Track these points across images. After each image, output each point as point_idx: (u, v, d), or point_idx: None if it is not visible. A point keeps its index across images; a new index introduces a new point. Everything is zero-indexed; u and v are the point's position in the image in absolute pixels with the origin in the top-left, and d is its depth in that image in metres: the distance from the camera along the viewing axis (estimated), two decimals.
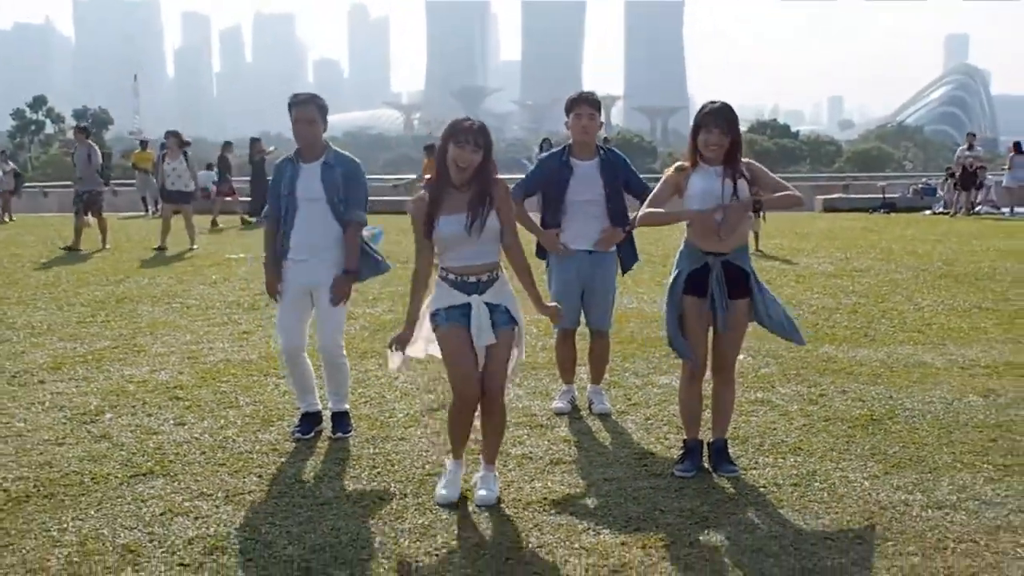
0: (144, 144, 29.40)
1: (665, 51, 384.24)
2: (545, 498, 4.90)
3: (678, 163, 5.30)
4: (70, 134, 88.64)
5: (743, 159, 5.15)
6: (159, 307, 10.42)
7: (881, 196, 27.81)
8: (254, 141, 24.37)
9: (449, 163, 4.70)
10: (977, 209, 24.22)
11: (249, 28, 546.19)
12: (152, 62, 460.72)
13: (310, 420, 5.97)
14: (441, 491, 4.89)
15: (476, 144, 4.66)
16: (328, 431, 5.95)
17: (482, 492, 4.85)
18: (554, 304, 5.17)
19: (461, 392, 4.79)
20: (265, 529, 4.53)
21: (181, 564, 4.16)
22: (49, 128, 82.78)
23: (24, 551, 4.27)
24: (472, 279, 4.78)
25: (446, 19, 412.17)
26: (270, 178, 6.26)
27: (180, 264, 14.11)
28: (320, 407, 6.08)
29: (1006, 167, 25.34)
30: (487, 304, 4.78)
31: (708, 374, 5.37)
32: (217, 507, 4.79)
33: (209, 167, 27.44)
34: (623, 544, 4.35)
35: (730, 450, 5.43)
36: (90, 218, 16.76)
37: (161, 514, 4.69)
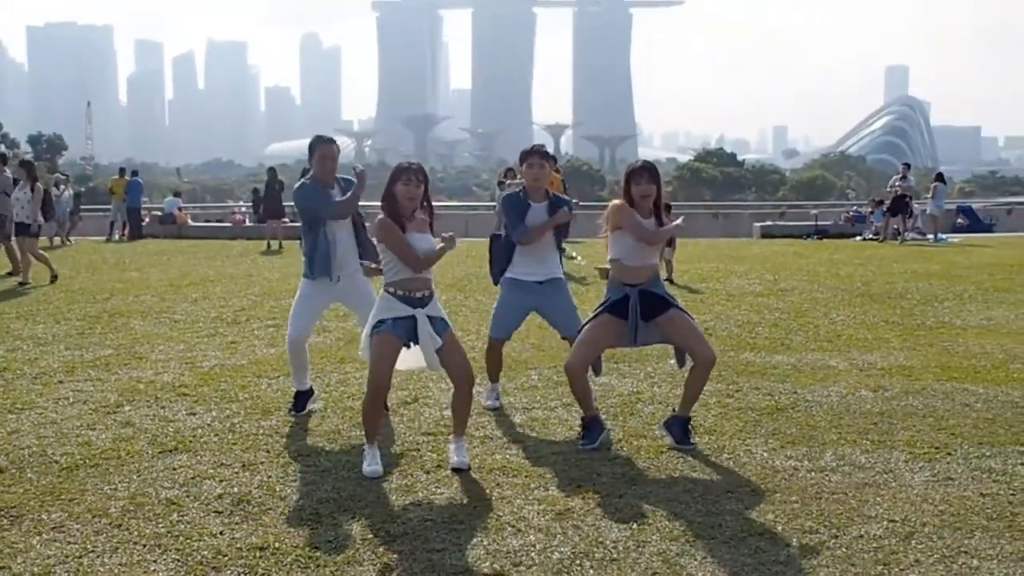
0: (122, 171, 30.24)
1: (612, 81, 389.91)
2: (504, 466, 6.02)
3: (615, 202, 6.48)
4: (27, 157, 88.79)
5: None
6: (148, 321, 11.44)
7: (814, 223, 29.36)
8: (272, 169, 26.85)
9: (400, 198, 5.87)
10: (905, 235, 25.73)
11: (202, 55, 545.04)
12: (105, 88, 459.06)
13: (303, 397, 7.27)
14: (369, 467, 5.87)
15: (418, 180, 5.90)
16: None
17: (456, 459, 5.95)
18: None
19: (377, 386, 5.86)
20: (279, 488, 5.62)
21: (215, 512, 5.23)
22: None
23: (87, 503, 5.34)
24: (418, 295, 5.90)
25: (397, 48, 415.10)
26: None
27: (159, 284, 15.09)
28: (309, 384, 7.36)
29: (929, 195, 26.98)
30: (428, 316, 5.89)
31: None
32: (237, 473, 5.87)
33: (176, 194, 28.59)
34: (567, 496, 5.49)
35: (655, 432, 6.62)
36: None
37: (191, 478, 5.76)
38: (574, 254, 18.72)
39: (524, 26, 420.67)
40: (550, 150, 7.52)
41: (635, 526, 5.03)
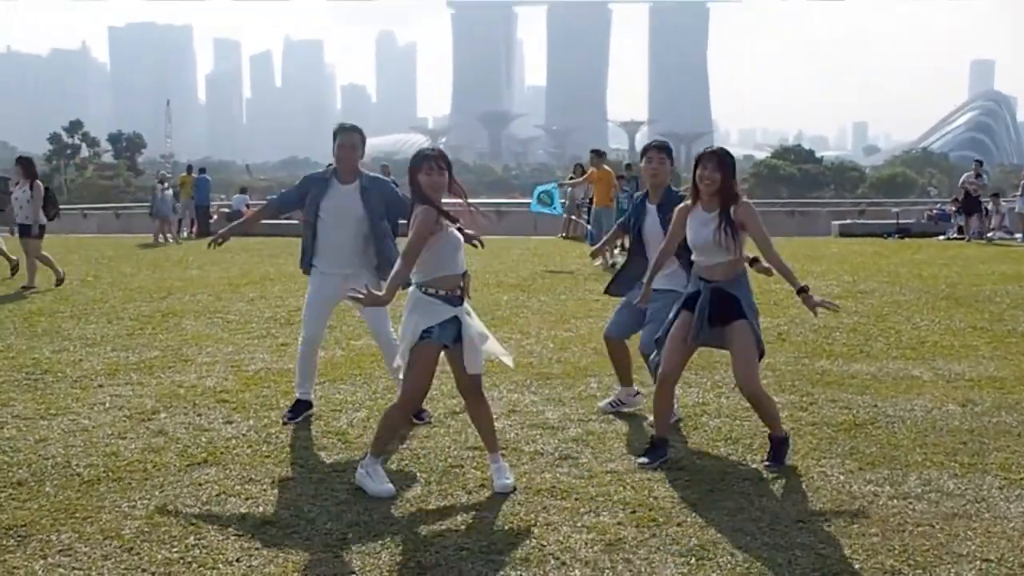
0: (190, 168, 30.35)
1: (689, 77, 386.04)
2: (553, 487, 5.53)
3: (685, 202, 6.00)
4: (105, 157, 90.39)
5: (741, 200, 5.79)
6: (201, 321, 11.17)
7: (895, 221, 28.35)
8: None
9: (424, 189, 5.34)
10: (990, 235, 24.69)
11: (279, 54, 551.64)
12: (184, 87, 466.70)
13: (301, 406, 6.98)
14: (381, 488, 5.37)
15: (440, 168, 5.36)
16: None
17: (498, 482, 5.47)
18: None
19: (414, 398, 5.49)
20: (307, 508, 5.20)
21: (235, 535, 4.83)
22: (84, 152, 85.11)
23: (101, 522, 4.97)
24: (458, 292, 5.40)
25: (472, 45, 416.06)
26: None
27: (218, 283, 14.88)
28: (312, 397, 7.09)
29: (1018, 192, 25.83)
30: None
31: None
32: (265, 491, 5.47)
33: (243, 191, 28.68)
34: (619, 523, 4.98)
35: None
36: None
37: (216, 495, 5.38)
38: None
39: (599, 22, 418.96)
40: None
41: (693, 561, 4.51)
